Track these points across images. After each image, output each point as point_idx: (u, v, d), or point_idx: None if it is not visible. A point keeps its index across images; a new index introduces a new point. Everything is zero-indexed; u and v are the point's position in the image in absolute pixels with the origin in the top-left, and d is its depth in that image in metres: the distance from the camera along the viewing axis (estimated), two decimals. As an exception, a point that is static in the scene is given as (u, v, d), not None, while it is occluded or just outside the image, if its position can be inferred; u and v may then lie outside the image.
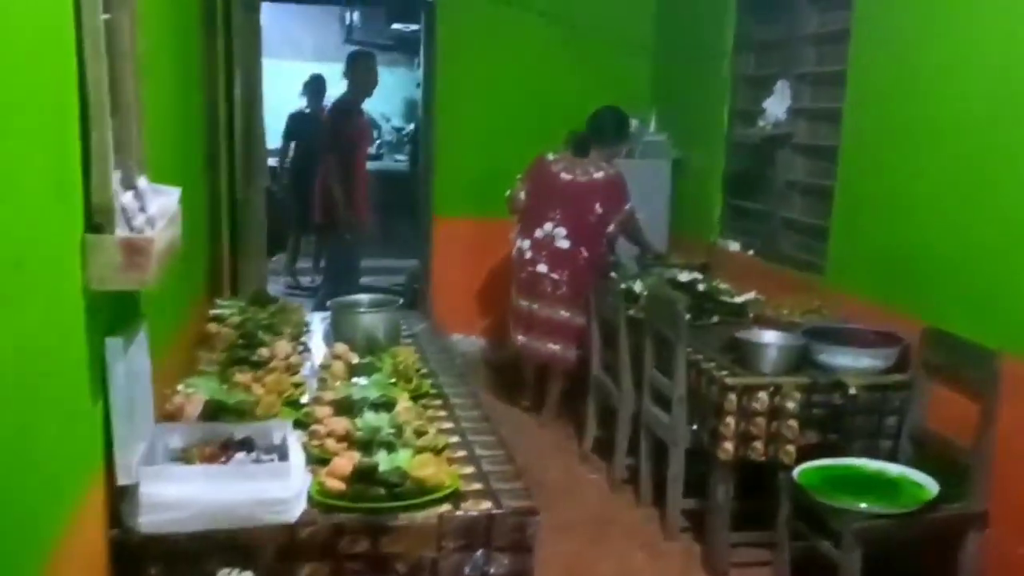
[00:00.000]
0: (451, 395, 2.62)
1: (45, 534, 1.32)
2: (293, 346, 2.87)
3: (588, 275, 4.32)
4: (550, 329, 4.40)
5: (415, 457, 1.99)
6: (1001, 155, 2.78)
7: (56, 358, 1.43)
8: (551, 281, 4.36)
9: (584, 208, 4.33)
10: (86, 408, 1.59)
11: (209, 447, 1.94)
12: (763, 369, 3.07)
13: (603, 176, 4.36)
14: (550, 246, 4.36)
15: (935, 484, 2.80)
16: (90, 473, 1.61)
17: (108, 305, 1.66)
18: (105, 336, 1.65)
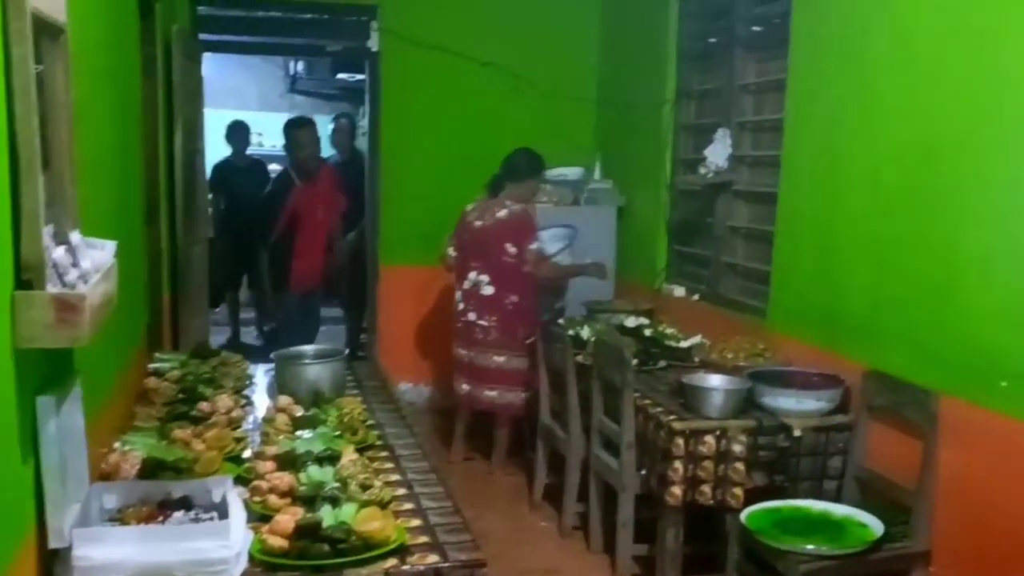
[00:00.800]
0: (398, 446, 2.59)
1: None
2: (235, 400, 2.82)
3: (519, 319, 4.35)
4: (487, 376, 4.41)
5: (360, 511, 1.95)
6: (928, 203, 2.88)
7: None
8: (481, 328, 4.38)
9: (497, 251, 4.35)
10: (16, 469, 1.53)
11: (146, 507, 1.88)
12: (710, 413, 3.10)
13: (507, 214, 4.36)
14: (477, 294, 4.39)
15: (879, 524, 2.83)
16: (20, 537, 1.55)
17: (39, 362, 1.61)
18: (36, 394, 1.60)
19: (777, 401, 3.15)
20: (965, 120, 2.73)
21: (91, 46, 2.37)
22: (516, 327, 4.34)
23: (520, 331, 4.34)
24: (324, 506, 1.98)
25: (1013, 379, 2.56)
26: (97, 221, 2.21)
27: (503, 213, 4.36)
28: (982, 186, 2.67)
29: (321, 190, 5.20)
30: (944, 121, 2.81)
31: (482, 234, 4.39)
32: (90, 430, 2.13)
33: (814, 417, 3.14)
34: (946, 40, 2.81)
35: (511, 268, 4.34)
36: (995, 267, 2.62)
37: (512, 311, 4.36)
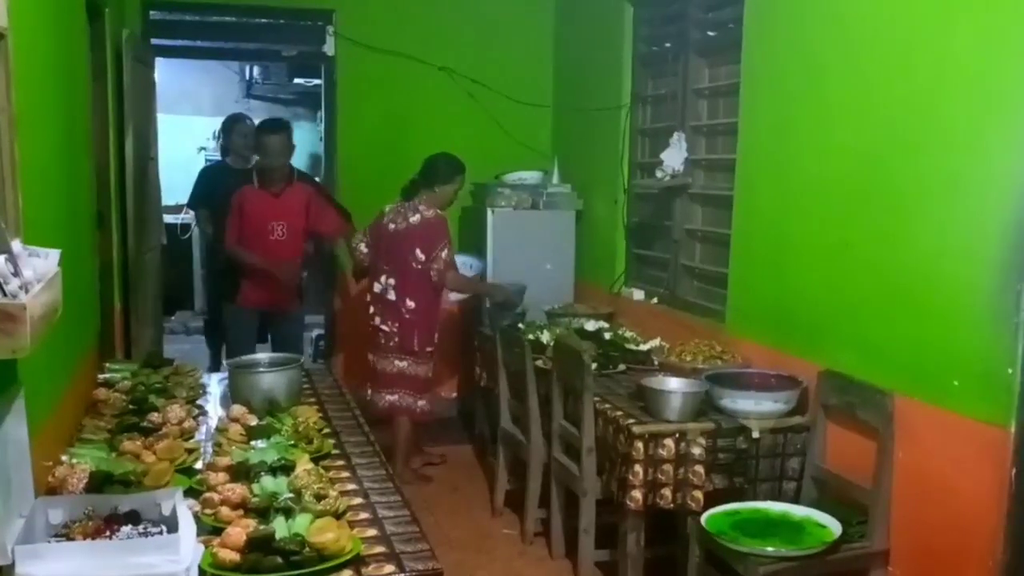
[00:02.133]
0: (354, 455, 2.55)
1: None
2: (187, 410, 2.77)
3: (415, 326, 4.29)
4: (387, 380, 4.35)
5: (314, 522, 1.92)
6: (876, 205, 2.91)
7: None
8: (383, 333, 4.33)
9: (405, 256, 4.28)
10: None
11: (93, 521, 1.82)
12: (668, 416, 3.10)
13: (419, 220, 4.29)
14: (383, 298, 4.35)
15: (837, 525, 2.85)
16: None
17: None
18: (-27, 408, 1.55)
19: (735, 403, 3.17)
20: (907, 123, 2.77)
21: (34, 50, 2.31)
22: (412, 333, 4.28)
23: (416, 338, 4.29)
24: (277, 518, 1.94)
25: (965, 378, 2.59)
26: (42, 229, 2.15)
27: (415, 218, 4.28)
28: (926, 187, 2.71)
29: (287, 207, 4.50)
30: (888, 125, 2.85)
31: (394, 237, 4.32)
32: (35, 443, 2.07)
33: (772, 418, 3.16)
34: (888, 45, 2.85)
35: (416, 274, 4.26)
36: (943, 267, 2.66)
37: (409, 318, 4.28)
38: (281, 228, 4.49)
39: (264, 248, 4.46)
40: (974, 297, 2.54)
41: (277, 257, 4.48)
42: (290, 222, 4.52)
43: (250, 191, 4.51)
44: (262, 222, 4.46)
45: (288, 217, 4.51)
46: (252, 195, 4.50)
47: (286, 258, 4.53)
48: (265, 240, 4.46)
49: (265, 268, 4.46)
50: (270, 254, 4.46)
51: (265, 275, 4.50)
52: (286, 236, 4.50)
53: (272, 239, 4.47)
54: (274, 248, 4.47)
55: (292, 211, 4.53)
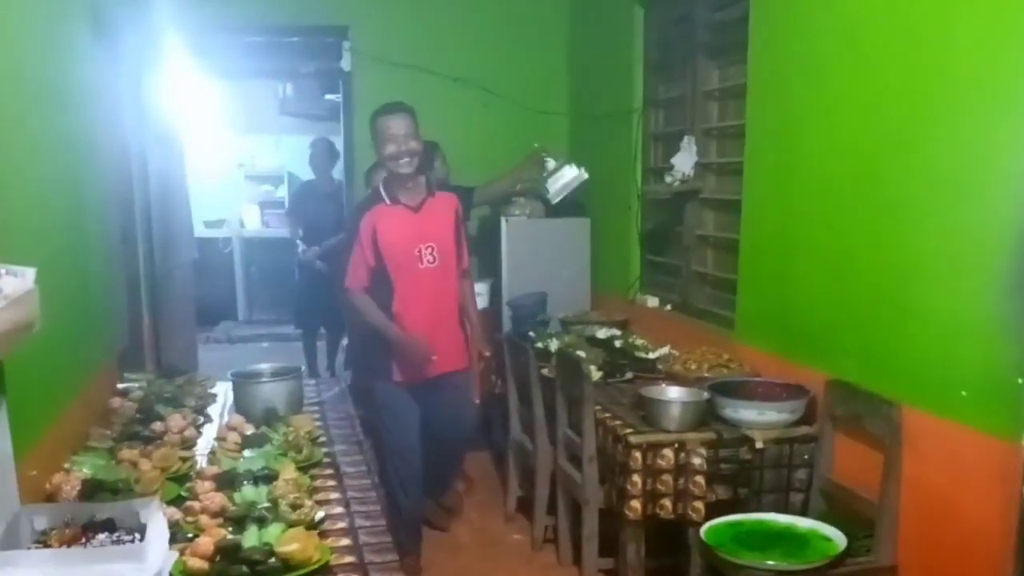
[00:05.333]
0: (344, 463, 2.59)
1: None
2: (191, 419, 2.83)
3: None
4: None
5: (285, 532, 1.95)
6: (882, 211, 2.84)
7: None
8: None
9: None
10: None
11: (71, 529, 1.88)
12: (667, 426, 3.07)
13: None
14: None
15: (843, 538, 2.78)
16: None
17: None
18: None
19: (738, 413, 3.12)
20: (914, 127, 2.69)
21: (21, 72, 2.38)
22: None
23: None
24: (251, 527, 1.98)
25: (973, 389, 2.51)
26: (46, 247, 2.22)
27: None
28: (934, 193, 2.63)
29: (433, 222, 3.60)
30: (894, 128, 2.78)
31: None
32: (37, 450, 2.15)
33: (777, 428, 3.11)
34: (894, 45, 2.78)
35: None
36: (950, 274, 2.58)
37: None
38: (431, 252, 3.50)
39: (415, 283, 3.49)
40: (982, 305, 2.46)
41: (433, 291, 3.52)
42: (439, 242, 3.52)
43: (383, 210, 3.47)
44: (405, 247, 3.48)
45: (436, 235, 3.52)
46: (386, 214, 3.48)
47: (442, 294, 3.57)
48: (413, 270, 3.48)
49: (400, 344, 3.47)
50: (423, 290, 3.50)
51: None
52: (437, 262, 3.51)
53: (421, 268, 3.49)
54: (427, 280, 3.50)
55: (440, 227, 3.55)
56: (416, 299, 3.49)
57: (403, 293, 3.49)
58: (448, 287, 3.58)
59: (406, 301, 3.49)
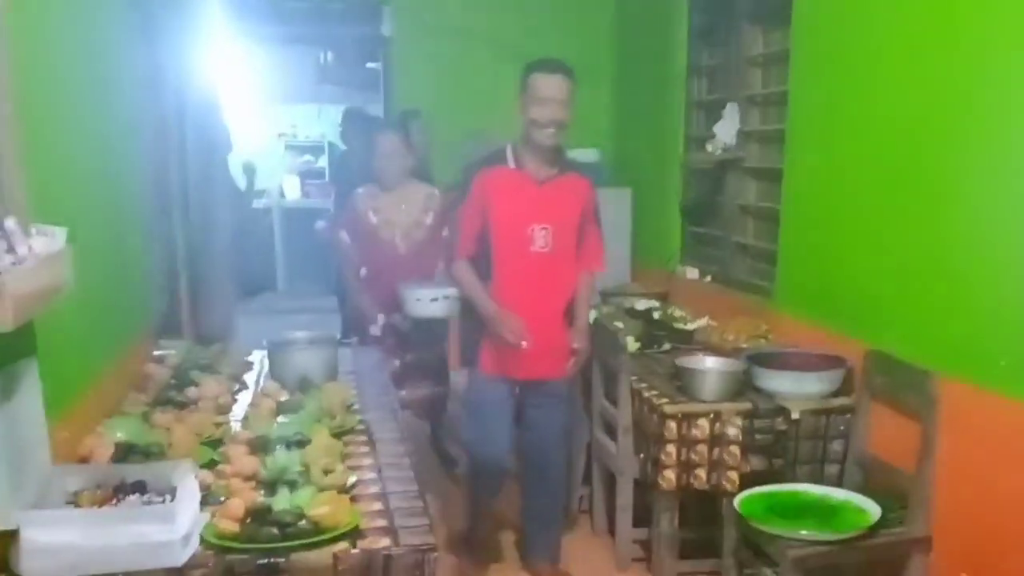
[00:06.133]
0: (378, 431, 2.59)
1: None
2: (224, 385, 2.86)
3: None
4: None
5: (316, 496, 1.97)
6: (935, 178, 2.76)
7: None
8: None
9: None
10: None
11: (102, 490, 1.91)
12: (703, 396, 3.04)
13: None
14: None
15: (877, 509, 2.75)
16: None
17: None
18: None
19: (775, 383, 3.08)
20: (961, 92, 2.62)
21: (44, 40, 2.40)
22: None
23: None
24: (282, 490, 2.00)
25: (1012, 358, 2.46)
26: (68, 211, 2.24)
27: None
28: (979, 164, 2.56)
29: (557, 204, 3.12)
30: (941, 94, 2.70)
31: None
32: (68, 414, 2.19)
33: (813, 399, 3.06)
34: (940, 10, 2.70)
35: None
36: (991, 242, 2.52)
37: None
38: (545, 235, 3.04)
39: (521, 268, 3.03)
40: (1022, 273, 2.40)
41: (539, 281, 3.05)
42: (558, 226, 3.06)
43: (503, 174, 3.02)
44: (518, 222, 3.03)
45: (556, 217, 3.05)
46: (506, 179, 3.03)
47: (550, 286, 3.09)
48: (521, 252, 3.03)
49: (491, 317, 3.03)
50: (529, 278, 3.04)
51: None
52: (551, 248, 3.04)
53: (532, 251, 3.04)
54: (535, 267, 3.04)
55: (564, 211, 3.07)
56: (519, 287, 3.02)
57: (504, 278, 3.03)
58: (560, 280, 3.07)
59: (506, 288, 3.03)
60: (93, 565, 1.71)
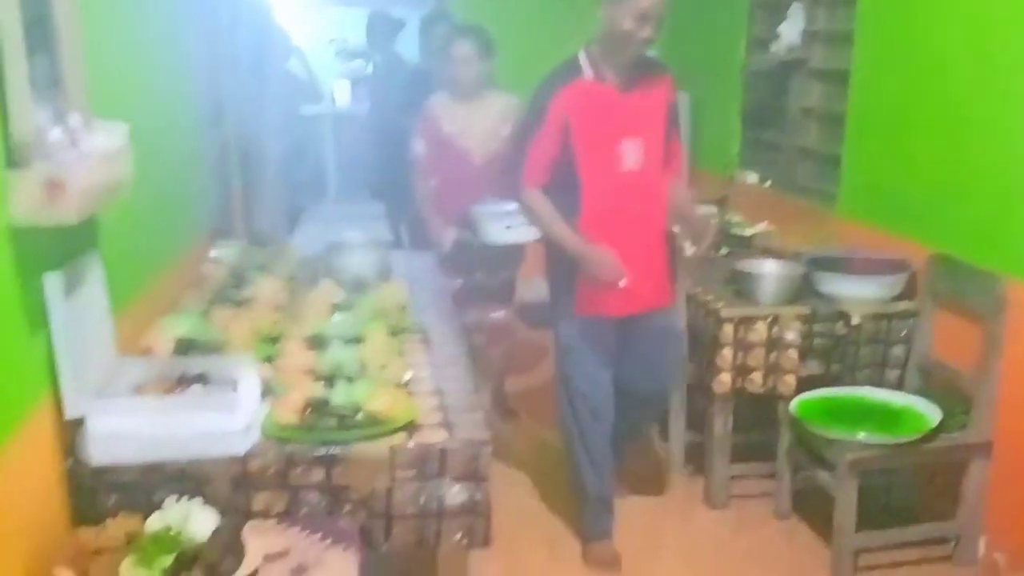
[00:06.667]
0: (432, 331, 2.60)
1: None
2: (281, 285, 2.88)
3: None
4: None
5: (372, 390, 1.99)
6: (1006, 79, 2.64)
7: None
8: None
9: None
10: (23, 342, 1.60)
11: (166, 381, 1.95)
12: (761, 300, 2.99)
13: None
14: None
15: (938, 414, 2.71)
16: (35, 405, 1.63)
17: (46, 241, 1.66)
18: (44, 271, 1.66)
19: (836, 287, 3.02)
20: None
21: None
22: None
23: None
24: (340, 384, 2.02)
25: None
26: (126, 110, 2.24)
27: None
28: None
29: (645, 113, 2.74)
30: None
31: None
32: (131, 310, 2.23)
33: (875, 303, 3.00)
34: None
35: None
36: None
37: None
38: (636, 150, 2.67)
39: (611, 192, 2.68)
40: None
41: (634, 204, 2.69)
42: (649, 137, 2.69)
43: (583, 88, 2.65)
44: (606, 140, 2.67)
45: (646, 127, 2.69)
46: (587, 93, 2.66)
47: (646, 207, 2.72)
48: (610, 174, 2.67)
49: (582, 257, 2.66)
50: (621, 202, 2.68)
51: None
52: (642, 165, 2.69)
53: (622, 171, 2.68)
54: (627, 190, 2.68)
55: (652, 118, 2.71)
56: (611, 214, 2.67)
57: (594, 206, 2.67)
58: (655, 199, 2.72)
59: (597, 217, 2.67)
60: (157, 453, 1.76)
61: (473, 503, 1.88)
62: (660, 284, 2.79)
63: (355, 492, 1.85)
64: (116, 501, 1.76)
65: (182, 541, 1.57)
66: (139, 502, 1.73)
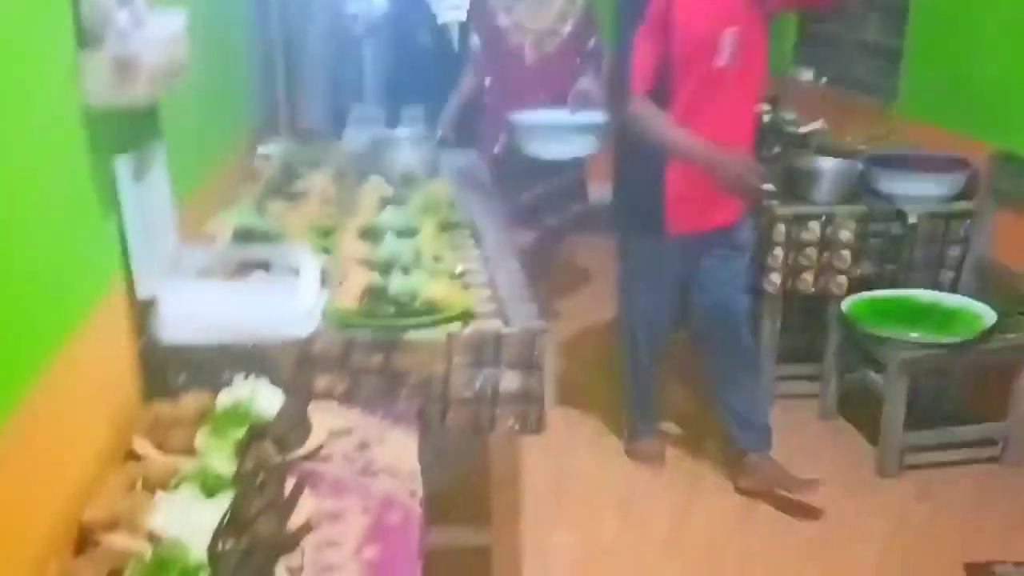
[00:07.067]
0: (480, 226, 2.61)
1: (51, 339, 1.39)
2: (332, 179, 2.90)
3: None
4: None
5: (427, 280, 2.01)
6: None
7: (60, 173, 1.47)
8: None
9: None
10: (97, 223, 1.63)
11: (229, 267, 1.99)
12: (815, 198, 2.94)
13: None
14: None
15: (993, 314, 2.69)
16: (106, 283, 1.67)
17: (116, 124, 1.67)
18: (115, 155, 1.68)
19: (893, 186, 2.96)
20: None
21: None
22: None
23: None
24: (396, 273, 2.04)
25: None
26: None
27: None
28: None
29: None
30: None
31: None
32: (189, 201, 2.26)
33: (933, 203, 2.94)
34: None
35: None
36: None
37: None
38: (733, 41, 2.40)
39: (704, 90, 2.42)
40: None
41: (728, 104, 2.44)
42: (746, 26, 2.42)
43: None
44: (708, 31, 2.40)
45: (743, 15, 2.42)
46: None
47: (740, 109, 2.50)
48: (704, 69, 2.41)
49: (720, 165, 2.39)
50: (715, 102, 2.43)
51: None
52: (737, 59, 2.42)
53: (717, 67, 2.41)
54: (721, 88, 2.43)
55: (749, 8, 2.43)
56: (703, 115, 2.42)
57: (686, 105, 2.42)
58: (747, 99, 2.51)
59: (687, 118, 2.42)
60: (223, 334, 1.80)
61: (528, 390, 1.91)
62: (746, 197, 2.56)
63: (413, 376, 1.89)
64: (185, 379, 1.82)
65: (252, 416, 1.62)
66: (207, 380, 1.78)
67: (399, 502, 1.55)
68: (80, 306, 1.52)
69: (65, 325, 1.44)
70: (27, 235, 1.30)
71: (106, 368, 1.65)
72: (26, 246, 1.30)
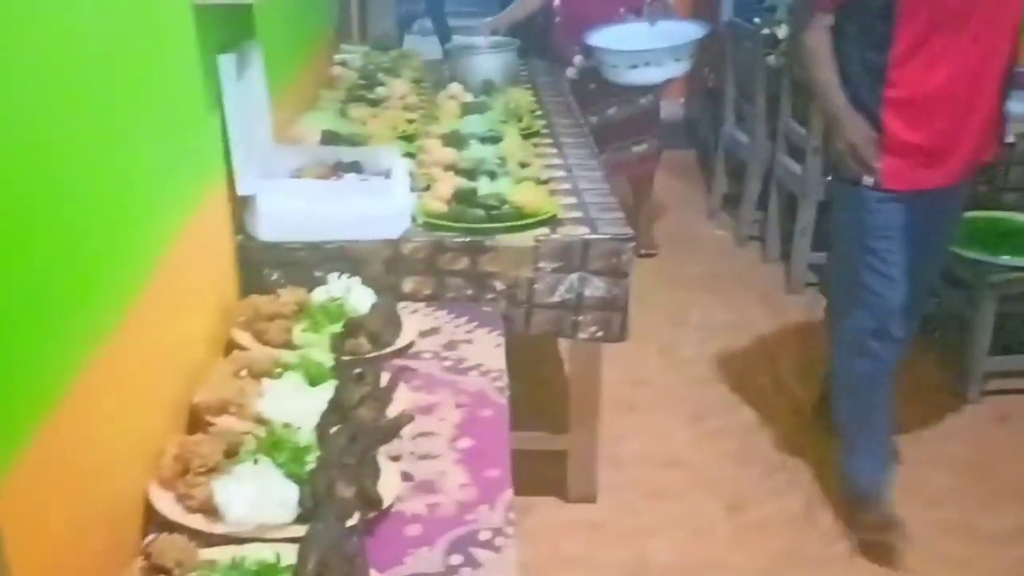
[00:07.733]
0: (562, 135, 2.59)
1: (165, 229, 1.42)
2: (411, 87, 2.89)
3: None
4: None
5: (514, 185, 2.01)
6: None
7: (172, 66, 1.50)
8: None
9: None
10: (203, 119, 1.66)
11: (322, 168, 2.02)
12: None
13: None
14: None
15: (1089, 239, 2.60)
16: (211, 180, 1.71)
17: (218, 24, 1.69)
18: (218, 52, 1.69)
19: (990, 103, 2.83)
20: None
21: None
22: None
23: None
24: (482, 178, 2.05)
25: None
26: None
27: None
28: None
29: None
30: None
31: None
32: (277, 104, 2.27)
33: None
34: None
35: None
36: None
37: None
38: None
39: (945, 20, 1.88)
40: None
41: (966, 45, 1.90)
42: None
43: None
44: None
45: None
46: None
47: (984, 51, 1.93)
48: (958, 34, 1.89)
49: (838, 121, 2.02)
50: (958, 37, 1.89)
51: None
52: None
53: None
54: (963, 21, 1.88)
55: None
56: (936, 54, 1.89)
57: (915, 38, 1.88)
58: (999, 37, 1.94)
59: (919, 53, 1.90)
60: (318, 232, 1.84)
61: (612, 298, 1.92)
62: (984, 144, 2.08)
63: (499, 280, 1.91)
64: (280, 275, 1.86)
65: (347, 312, 1.66)
66: (301, 277, 1.83)
67: (489, 398, 1.59)
68: (191, 199, 1.56)
69: (181, 215, 1.48)
70: (147, 126, 1.34)
71: (210, 261, 1.70)
72: (147, 136, 1.33)
